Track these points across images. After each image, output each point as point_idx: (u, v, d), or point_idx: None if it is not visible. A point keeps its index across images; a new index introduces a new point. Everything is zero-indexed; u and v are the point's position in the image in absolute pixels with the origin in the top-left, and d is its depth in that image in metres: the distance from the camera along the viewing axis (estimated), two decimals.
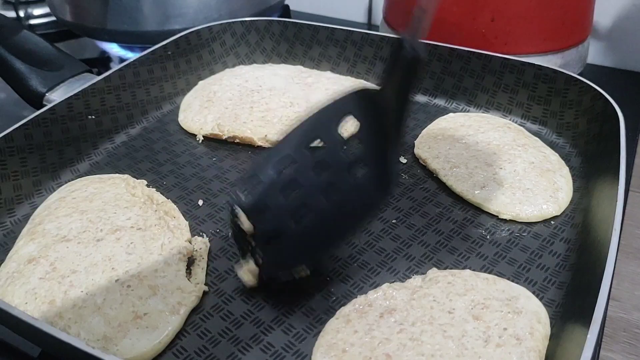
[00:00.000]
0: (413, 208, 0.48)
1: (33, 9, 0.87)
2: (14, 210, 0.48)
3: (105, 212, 0.45)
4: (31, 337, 0.37)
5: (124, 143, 0.57)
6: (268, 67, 0.66)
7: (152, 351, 0.36)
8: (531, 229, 0.46)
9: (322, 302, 0.40)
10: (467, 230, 0.46)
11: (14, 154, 0.48)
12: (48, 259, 0.40)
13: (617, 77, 0.78)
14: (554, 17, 0.63)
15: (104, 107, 0.56)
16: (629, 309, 0.44)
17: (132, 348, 0.35)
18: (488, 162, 0.50)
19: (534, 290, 0.40)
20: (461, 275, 0.40)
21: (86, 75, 0.59)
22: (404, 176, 0.52)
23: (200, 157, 0.55)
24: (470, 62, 0.60)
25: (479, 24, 0.63)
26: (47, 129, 0.51)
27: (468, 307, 0.37)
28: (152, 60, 0.61)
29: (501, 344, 0.34)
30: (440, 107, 0.61)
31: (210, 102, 0.60)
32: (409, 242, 0.45)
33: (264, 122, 0.56)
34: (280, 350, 0.37)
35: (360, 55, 0.65)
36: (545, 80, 0.56)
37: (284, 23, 0.68)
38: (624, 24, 0.77)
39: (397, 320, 0.36)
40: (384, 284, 0.40)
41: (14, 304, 0.38)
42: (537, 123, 0.58)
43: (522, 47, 0.64)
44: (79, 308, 0.37)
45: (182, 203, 0.49)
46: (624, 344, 0.42)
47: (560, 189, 0.48)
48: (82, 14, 0.70)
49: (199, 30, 0.65)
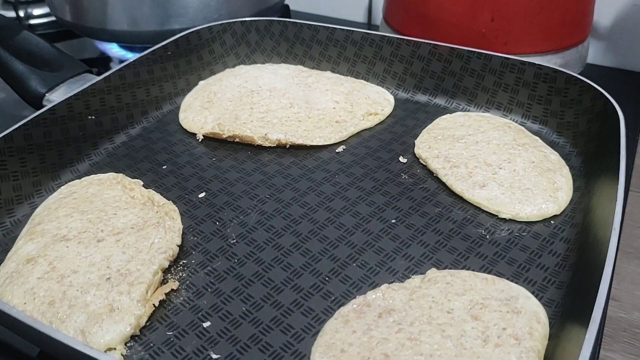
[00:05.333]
0: (412, 208, 0.48)
1: (33, 9, 0.87)
2: (14, 210, 0.48)
3: (106, 212, 0.45)
4: (30, 337, 0.37)
5: (124, 143, 0.57)
6: (268, 67, 0.66)
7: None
8: (531, 229, 0.45)
9: (320, 302, 0.40)
10: (466, 230, 0.46)
11: (14, 154, 0.49)
12: (47, 259, 0.41)
13: (617, 77, 0.78)
14: (554, 17, 0.63)
15: (104, 107, 0.57)
16: (629, 309, 0.44)
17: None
18: (488, 161, 0.50)
19: (533, 290, 0.40)
20: (460, 275, 0.40)
21: (86, 75, 0.59)
22: (404, 176, 0.52)
23: (200, 157, 0.55)
24: (471, 61, 0.60)
25: (479, 23, 0.63)
26: (47, 129, 0.51)
27: (467, 307, 0.37)
28: (152, 60, 0.61)
29: (500, 343, 0.34)
30: (441, 107, 0.61)
31: (210, 102, 0.60)
32: (408, 242, 0.45)
33: (264, 122, 0.56)
34: (278, 350, 0.37)
35: (360, 55, 0.65)
36: (546, 80, 0.56)
37: (284, 23, 0.68)
38: (624, 24, 0.77)
39: (395, 320, 0.36)
40: (383, 284, 0.40)
41: (12, 304, 0.38)
42: (537, 122, 0.57)
43: (522, 47, 0.63)
44: (70, 307, 0.37)
45: (182, 203, 0.49)
46: (624, 343, 0.42)
47: (560, 189, 0.48)
48: (82, 14, 0.70)
49: (199, 30, 0.65)
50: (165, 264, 0.41)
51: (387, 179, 0.51)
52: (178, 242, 0.43)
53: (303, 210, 0.48)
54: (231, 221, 0.47)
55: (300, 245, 0.44)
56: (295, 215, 0.47)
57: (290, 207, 0.48)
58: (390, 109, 0.61)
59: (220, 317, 0.39)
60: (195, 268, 0.43)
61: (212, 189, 0.51)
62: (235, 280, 0.42)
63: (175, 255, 0.43)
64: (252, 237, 0.45)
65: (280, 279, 0.42)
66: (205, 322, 0.39)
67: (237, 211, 0.48)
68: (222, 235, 0.46)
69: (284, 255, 0.44)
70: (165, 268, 0.42)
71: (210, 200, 0.49)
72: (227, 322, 0.39)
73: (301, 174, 0.52)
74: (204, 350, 0.37)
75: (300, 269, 0.42)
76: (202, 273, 0.42)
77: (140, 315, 0.38)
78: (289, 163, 0.54)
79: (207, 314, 0.39)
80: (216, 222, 0.47)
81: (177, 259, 0.43)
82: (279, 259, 0.43)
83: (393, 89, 0.64)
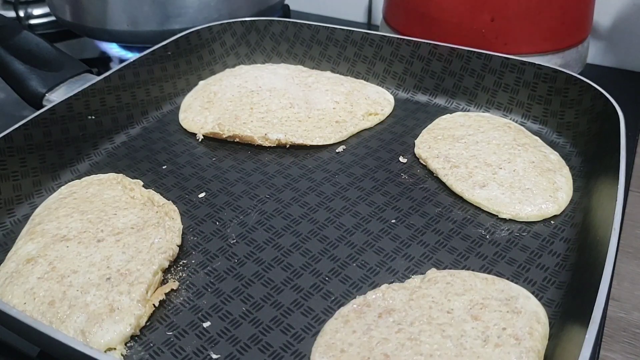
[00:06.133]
0: (412, 208, 0.48)
1: (33, 9, 0.87)
2: (14, 210, 0.48)
3: (106, 212, 0.45)
4: (30, 337, 0.37)
5: (124, 143, 0.57)
6: (268, 67, 0.66)
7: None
8: (531, 229, 0.45)
9: (320, 302, 0.40)
10: (466, 230, 0.46)
11: (14, 154, 0.49)
12: (47, 259, 0.41)
13: (617, 77, 0.78)
14: (554, 17, 0.63)
15: (104, 107, 0.57)
16: (629, 309, 0.44)
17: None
18: (488, 161, 0.50)
19: (533, 290, 0.40)
20: (460, 275, 0.40)
21: (86, 75, 0.59)
22: (404, 176, 0.52)
23: (200, 157, 0.55)
24: (471, 61, 0.60)
25: (479, 24, 0.63)
26: (47, 129, 0.51)
27: (467, 307, 0.37)
28: (152, 61, 0.61)
29: (500, 343, 0.34)
30: (441, 107, 0.61)
31: (210, 103, 0.60)
32: (408, 242, 0.45)
33: (264, 122, 0.56)
34: (278, 350, 0.37)
35: (360, 55, 0.65)
36: (546, 80, 0.56)
37: (284, 23, 0.68)
38: (624, 24, 0.77)
39: (395, 320, 0.36)
40: (383, 284, 0.40)
41: (12, 304, 0.38)
42: (537, 122, 0.57)
43: (522, 47, 0.63)
44: (70, 307, 0.37)
45: (182, 203, 0.49)
46: (624, 344, 0.42)
47: (560, 189, 0.48)
48: (82, 14, 0.70)
49: (199, 30, 0.65)
50: (165, 264, 0.41)
51: (387, 179, 0.51)
52: (178, 242, 0.43)
53: (303, 210, 0.48)
54: (231, 221, 0.47)
55: (300, 245, 0.44)
56: (295, 215, 0.47)
57: (290, 207, 0.48)
58: (390, 109, 0.61)
59: (220, 317, 0.39)
60: (195, 268, 0.43)
61: (212, 189, 0.51)
62: (235, 280, 0.42)
63: (175, 255, 0.43)
64: (252, 237, 0.45)
65: (280, 279, 0.42)
66: (205, 322, 0.39)
67: (237, 211, 0.48)
68: (222, 235, 0.46)
69: (284, 255, 0.44)
70: (165, 268, 0.42)
71: (210, 200, 0.49)
72: (227, 322, 0.39)
73: (301, 174, 0.52)
74: (204, 350, 0.37)
75: (300, 269, 0.42)
76: (202, 273, 0.42)
77: (140, 315, 0.38)
78: (289, 163, 0.54)
79: (207, 314, 0.39)
80: (216, 222, 0.47)
81: (177, 259, 0.43)
82: (279, 259, 0.43)
83: (393, 89, 0.64)
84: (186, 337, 0.38)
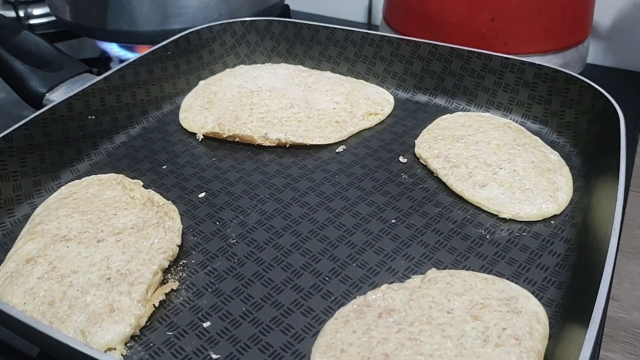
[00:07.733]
0: (412, 208, 0.48)
1: (33, 9, 0.87)
2: (14, 210, 0.48)
3: (106, 213, 0.45)
4: (30, 337, 0.37)
5: (124, 143, 0.57)
6: (268, 67, 0.66)
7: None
8: (531, 229, 0.45)
9: (320, 302, 0.40)
10: (466, 230, 0.46)
11: (14, 154, 0.49)
12: (47, 259, 0.41)
13: (617, 77, 0.78)
14: (554, 17, 0.63)
15: (104, 107, 0.56)
16: (629, 309, 0.44)
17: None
18: (488, 161, 0.50)
19: (533, 290, 0.40)
20: (460, 275, 0.40)
21: (86, 75, 0.59)
22: (404, 176, 0.52)
23: (200, 157, 0.55)
24: (471, 61, 0.60)
25: (479, 23, 0.63)
26: (47, 129, 0.51)
27: (467, 307, 0.37)
28: (152, 60, 0.61)
29: (500, 343, 0.34)
30: (441, 107, 0.61)
31: (210, 103, 0.60)
32: (408, 242, 0.45)
33: (264, 122, 0.56)
34: (278, 350, 0.37)
35: (360, 55, 0.65)
36: (546, 80, 0.56)
37: (284, 23, 0.68)
38: (624, 24, 0.77)
39: (395, 320, 0.36)
40: (383, 284, 0.40)
41: (12, 304, 0.38)
42: (537, 122, 0.57)
43: (522, 47, 0.63)
44: (70, 307, 0.37)
45: (182, 203, 0.49)
46: (624, 344, 0.42)
47: (560, 189, 0.48)
48: (82, 14, 0.70)
49: (199, 30, 0.65)
50: (165, 264, 0.41)
51: (387, 179, 0.51)
52: (178, 242, 0.43)
53: (303, 210, 0.48)
54: (231, 221, 0.47)
55: (300, 245, 0.44)
56: (295, 215, 0.47)
57: (290, 207, 0.48)
58: (390, 109, 0.61)
59: (220, 317, 0.39)
60: (195, 268, 0.43)
61: (212, 189, 0.51)
62: (235, 280, 0.42)
63: (175, 255, 0.43)
64: (252, 237, 0.45)
65: (280, 279, 0.42)
66: (205, 322, 0.39)
67: (237, 211, 0.48)
68: (222, 235, 0.46)
69: (284, 255, 0.44)
70: (165, 268, 0.42)
71: (210, 200, 0.49)
72: (227, 322, 0.39)
73: (301, 174, 0.52)
74: (204, 350, 0.37)
75: (300, 269, 0.42)
76: (202, 273, 0.42)
77: (140, 315, 0.38)
78: (289, 163, 0.54)
79: (207, 314, 0.39)
80: (216, 222, 0.47)
81: (177, 259, 0.43)
82: (279, 259, 0.43)
83: (393, 89, 0.64)
84: (186, 337, 0.38)
